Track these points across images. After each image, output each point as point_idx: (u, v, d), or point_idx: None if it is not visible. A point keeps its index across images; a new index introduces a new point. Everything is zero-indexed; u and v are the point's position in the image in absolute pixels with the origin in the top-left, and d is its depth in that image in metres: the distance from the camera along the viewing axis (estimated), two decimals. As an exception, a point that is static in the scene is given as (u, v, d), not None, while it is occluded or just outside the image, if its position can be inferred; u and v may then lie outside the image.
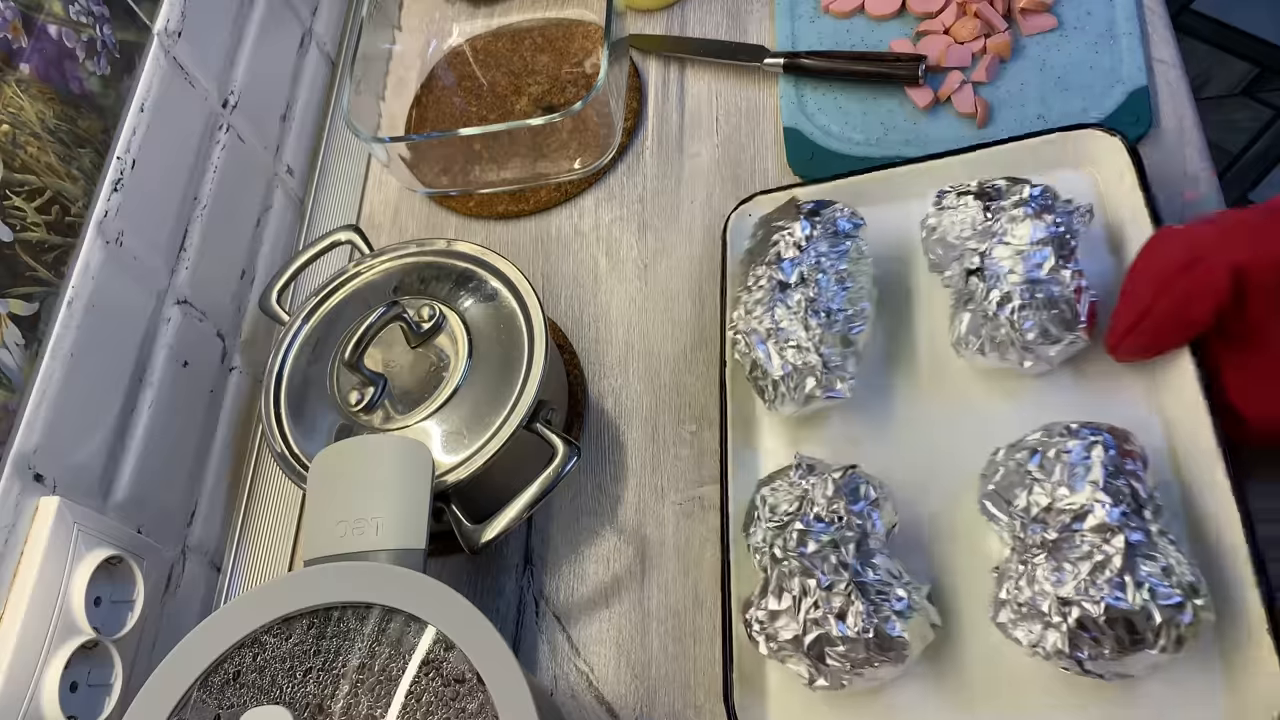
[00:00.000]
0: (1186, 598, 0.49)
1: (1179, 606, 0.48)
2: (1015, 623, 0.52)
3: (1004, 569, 0.54)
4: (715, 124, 0.84)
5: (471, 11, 0.95)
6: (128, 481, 0.66)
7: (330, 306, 0.71)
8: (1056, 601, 0.50)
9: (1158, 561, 0.50)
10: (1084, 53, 0.77)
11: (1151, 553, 0.50)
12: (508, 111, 0.89)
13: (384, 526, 0.56)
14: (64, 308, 0.62)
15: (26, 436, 0.58)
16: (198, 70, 0.76)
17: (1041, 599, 0.51)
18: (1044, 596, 0.51)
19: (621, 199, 0.83)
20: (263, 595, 0.52)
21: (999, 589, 0.54)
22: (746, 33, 0.87)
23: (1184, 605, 0.48)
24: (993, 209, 0.62)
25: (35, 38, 0.62)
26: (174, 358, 0.72)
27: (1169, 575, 0.49)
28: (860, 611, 0.53)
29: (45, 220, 0.61)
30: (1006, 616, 0.53)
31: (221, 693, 0.50)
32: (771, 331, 0.63)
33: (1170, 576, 0.49)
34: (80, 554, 0.59)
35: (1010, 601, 0.53)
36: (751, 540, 0.59)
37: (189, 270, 0.74)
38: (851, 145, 0.78)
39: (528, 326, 0.66)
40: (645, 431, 0.72)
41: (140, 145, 0.69)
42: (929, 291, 0.69)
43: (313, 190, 0.91)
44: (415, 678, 0.49)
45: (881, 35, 0.83)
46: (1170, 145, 0.73)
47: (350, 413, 0.65)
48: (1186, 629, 0.49)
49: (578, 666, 0.66)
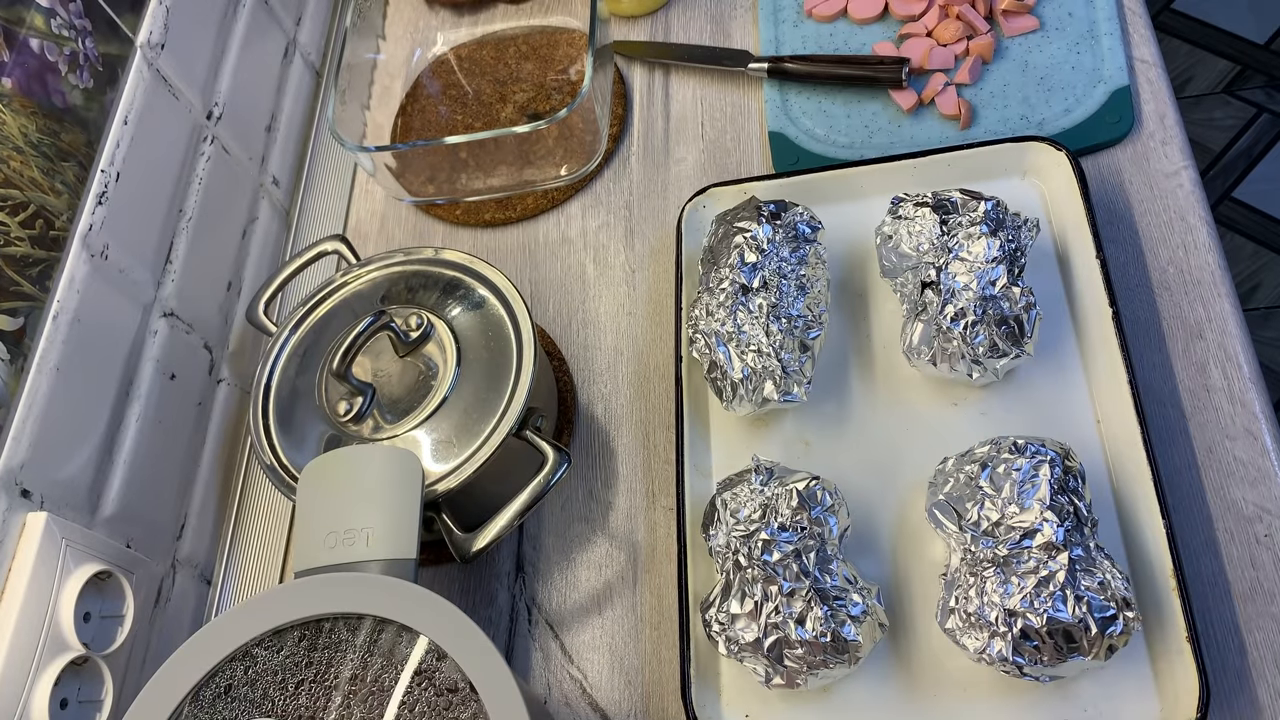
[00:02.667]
0: (1119, 610, 0.53)
1: (1112, 618, 0.53)
2: (963, 630, 0.55)
3: (952, 577, 0.57)
4: (700, 129, 0.84)
5: (456, 20, 0.95)
6: (116, 496, 0.66)
7: (318, 317, 0.71)
8: (1003, 612, 0.54)
9: (1095, 576, 0.54)
10: (1066, 53, 0.78)
11: (1090, 568, 0.54)
12: (493, 119, 0.89)
13: (374, 537, 0.56)
14: (49, 322, 0.61)
15: (13, 452, 0.58)
16: (181, 82, 0.76)
17: (989, 609, 0.54)
18: (992, 607, 0.54)
19: (608, 205, 0.83)
20: (253, 608, 0.52)
21: (948, 596, 0.57)
22: (730, 37, 0.88)
23: (1116, 617, 0.53)
24: (949, 224, 0.65)
25: (17, 52, 0.61)
26: (161, 370, 0.71)
27: (1104, 590, 0.54)
28: (819, 617, 0.55)
29: (29, 234, 0.61)
30: (954, 623, 0.56)
31: (213, 707, 0.50)
32: (733, 335, 0.65)
33: (1105, 591, 0.54)
34: (69, 569, 0.59)
35: (959, 610, 0.56)
36: (713, 543, 0.61)
37: (175, 283, 0.74)
38: (836, 149, 0.78)
39: (516, 334, 0.66)
40: (635, 437, 0.72)
41: (124, 158, 0.69)
42: (881, 296, 0.72)
43: (299, 201, 0.91)
44: (408, 688, 0.49)
45: (864, 38, 0.83)
46: (1152, 144, 0.73)
47: (339, 423, 0.65)
48: (1118, 638, 0.53)
49: (571, 674, 0.66)
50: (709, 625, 0.58)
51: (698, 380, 0.69)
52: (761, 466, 0.60)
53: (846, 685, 0.59)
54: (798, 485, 0.59)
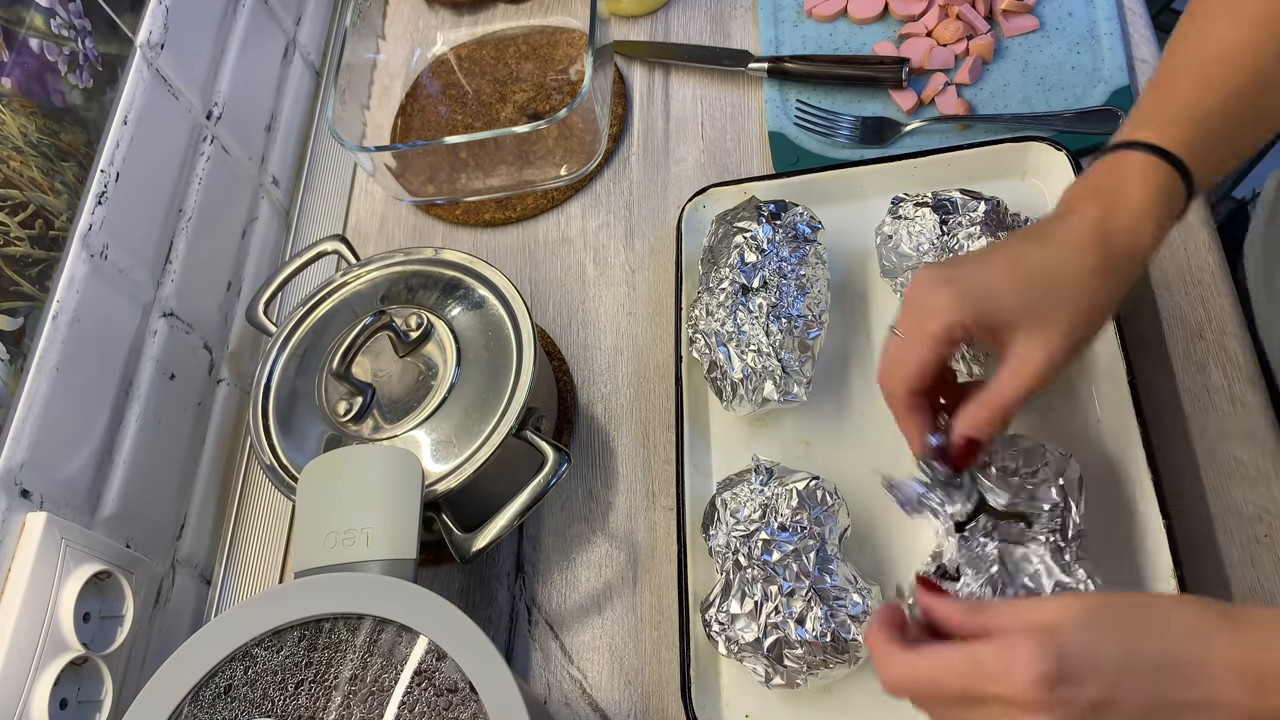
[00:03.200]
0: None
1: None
2: None
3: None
4: (700, 129, 0.84)
5: (455, 20, 0.95)
6: (116, 496, 0.66)
7: (317, 317, 0.71)
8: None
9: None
10: (1066, 53, 0.78)
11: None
12: (493, 119, 0.89)
13: (374, 537, 0.56)
14: (49, 322, 0.61)
15: (12, 452, 0.58)
16: (181, 82, 0.76)
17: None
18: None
19: (608, 205, 0.83)
20: (253, 608, 0.52)
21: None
22: (730, 37, 0.88)
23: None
24: (949, 224, 0.65)
25: (16, 52, 0.61)
26: (161, 370, 0.71)
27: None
28: (819, 616, 0.55)
29: (29, 234, 0.61)
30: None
31: (213, 707, 0.50)
32: (733, 334, 0.65)
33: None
34: (68, 569, 0.59)
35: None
36: (713, 542, 0.61)
37: (175, 282, 0.74)
38: (837, 149, 0.78)
39: (516, 334, 0.66)
40: (635, 437, 0.72)
41: (124, 158, 0.69)
42: (881, 296, 0.72)
43: (298, 201, 0.91)
44: (408, 688, 0.49)
45: (864, 38, 0.83)
46: (1153, 144, 0.73)
47: (339, 423, 0.65)
48: None
49: (571, 674, 0.66)
50: (709, 625, 0.59)
51: (698, 380, 0.69)
52: (761, 466, 0.60)
53: (846, 685, 0.59)
54: (798, 485, 0.59)
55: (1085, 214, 0.51)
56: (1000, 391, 0.51)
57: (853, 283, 0.73)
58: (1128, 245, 0.50)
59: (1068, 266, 0.50)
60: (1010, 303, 0.50)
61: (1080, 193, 0.53)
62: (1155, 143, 0.51)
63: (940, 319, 0.51)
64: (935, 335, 0.51)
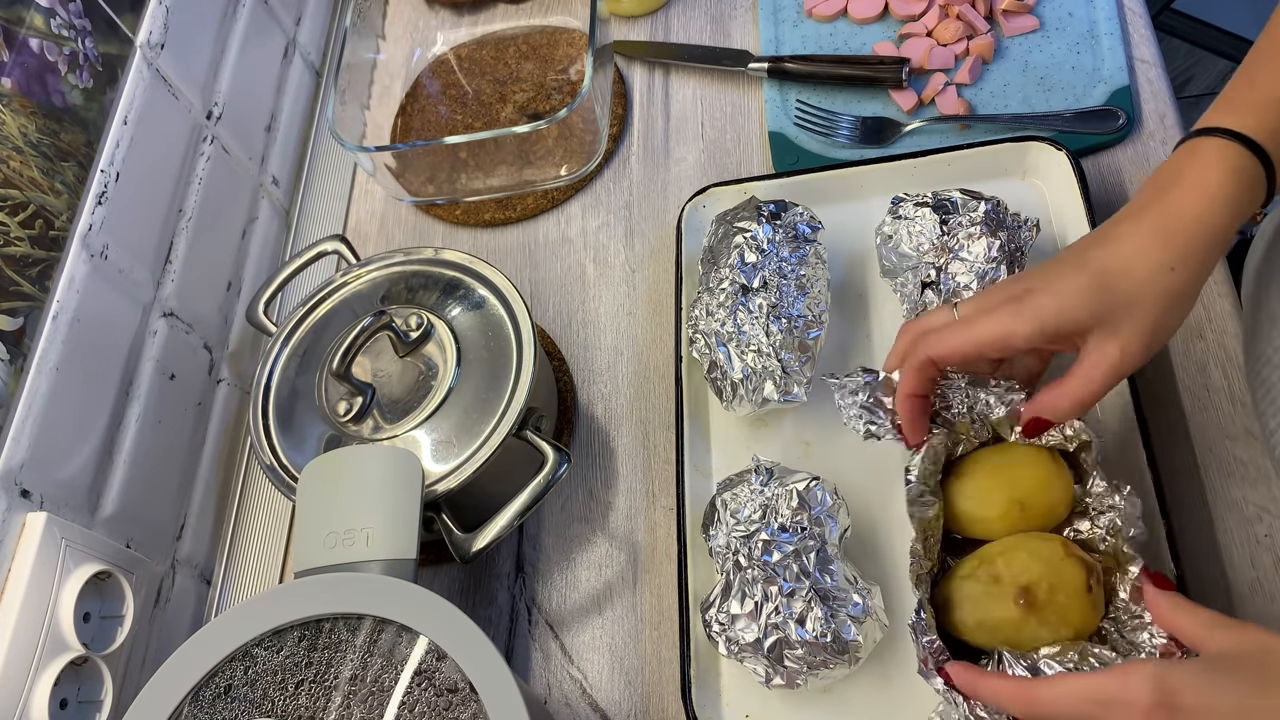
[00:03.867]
0: None
1: None
2: None
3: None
4: (700, 129, 0.84)
5: (455, 20, 0.95)
6: (116, 496, 0.66)
7: (317, 317, 0.71)
8: None
9: None
10: (1066, 53, 0.78)
11: None
12: (493, 119, 0.89)
13: (374, 537, 0.56)
14: (49, 322, 0.61)
15: (12, 452, 0.58)
16: (181, 82, 0.76)
17: None
18: None
19: (608, 205, 0.83)
20: (253, 608, 0.52)
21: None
22: (730, 37, 0.88)
23: None
24: (949, 224, 0.65)
25: (16, 51, 0.61)
26: (161, 370, 0.71)
27: None
28: (819, 617, 0.55)
29: (29, 234, 0.61)
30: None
31: (213, 707, 0.50)
32: (733, 334, 0.65)
33: None
34: (68, 569, 0.59)
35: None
36: (713, 543, 0.61)
37: (175, 282, 0.74)
38: (837, 149, 0.78)
39: (516, 334, 0.66)
40: (635, 437, 0.72)
41: (124, 158, 0.69)
42: (881, 296, 0.72)
43: (298, 201, 0.91)
44: (408, 688, 0.49)
45: (864, 38, 0.83)
46: (1152, 144, 0.73)
47: (339, 423, 0.65)
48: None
49: (571, 674, 0.66)
50: (709, 625, 0.58)
51: (698, 380, 0.69)
52: (761, 467, 0.60)
53: (846, 685, 0.59)
54: (798, 486, 0.59)
55: (1151, 209, 0.50)
56: (1087, 386, 0.52)
57: (853, 283, 0.73)
58: (1198, 233, 0.49)
59: (1135, 266, 0.50)
60: (1078, 314, 0.50)
61: (1148, 188, 0.52)
62: (1232, 127, 0.50)
63: (1000, 334, 0.52)
64: (984, 343, 0.53)
